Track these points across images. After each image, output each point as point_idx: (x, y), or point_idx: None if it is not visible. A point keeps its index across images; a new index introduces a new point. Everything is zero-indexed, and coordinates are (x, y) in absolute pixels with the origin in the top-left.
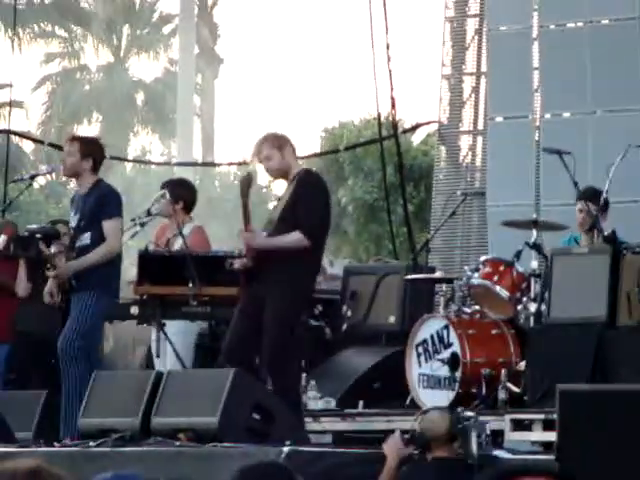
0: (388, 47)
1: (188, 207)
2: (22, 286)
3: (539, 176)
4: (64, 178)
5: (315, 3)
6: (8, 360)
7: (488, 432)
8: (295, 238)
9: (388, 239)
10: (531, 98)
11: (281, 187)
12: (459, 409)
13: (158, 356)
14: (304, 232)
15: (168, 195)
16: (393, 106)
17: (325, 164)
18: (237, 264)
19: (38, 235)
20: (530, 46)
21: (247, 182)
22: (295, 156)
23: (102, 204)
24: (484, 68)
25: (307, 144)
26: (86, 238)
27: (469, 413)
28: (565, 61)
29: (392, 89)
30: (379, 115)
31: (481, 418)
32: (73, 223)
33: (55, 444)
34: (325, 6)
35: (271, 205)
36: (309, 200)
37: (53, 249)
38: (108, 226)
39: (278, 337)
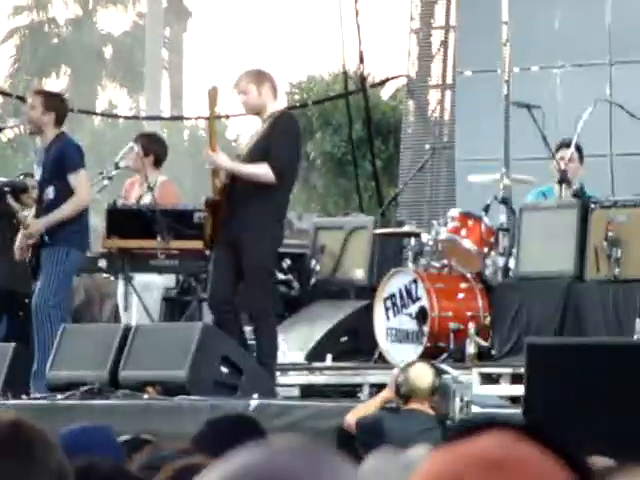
0: (356, 0)
1: (158, 161)
2: None
3: (508, 130)
4: None
5: None
6: None
7: (470, 396)
8: (263, 170)
9: (357, 193)
10: (500, 52)
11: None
12: (441, 365)
13: (125, 310)
14: (272, 167)
15: (137, 148)
16: (361, 60)
17: None
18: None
19: (6, 189)
20: None
21: (214, 94)
22: (274, 95)
23: (63, 157)
24: (453, 22)
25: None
26: (50, 192)
27: (452, 371)
28: (534, 15)
29: (360, 43)
30: (346, 69)
31: (463, 378)
32: (38, 176)
33: (23, 397)
34: None
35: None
36: (282, 140)
37: (26, 212)
38: (74, 179)
39: (259, 286)
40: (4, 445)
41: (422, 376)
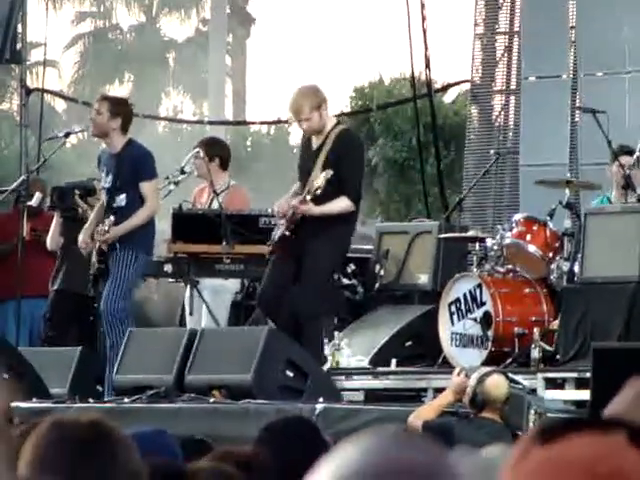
0: (423, 6)
1: (224, 164)
2: (52, 237)
3: (573, 136)
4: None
5: None
6: (46, 317)
7: (543, 408)
8: (344, 205)
9: (419, 199)
10: (565, 57)
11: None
12: (515, 376)
13: (191, 314)
14: (351, 198)
15: (202, 154)
16: (427, 66)
17: (356, 123)
18: (280, 231)
19: (76, 190)
20: (565, 4)
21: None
22: (327, 110)
23: (138, 165)
24: (517, 27)
25: (338, 102)
26: (122, 199)
27: (524, 382)
28: (600, 19)
29: (427, 48)
30: (413, 75)
31: (527, 383)
32: (106, 183)
33: (90, 400)
34: None
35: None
36: (352, 165)
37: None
38: (147, 188)
39: (314, 287)
40: (86, 445)
41: (499, 387)
